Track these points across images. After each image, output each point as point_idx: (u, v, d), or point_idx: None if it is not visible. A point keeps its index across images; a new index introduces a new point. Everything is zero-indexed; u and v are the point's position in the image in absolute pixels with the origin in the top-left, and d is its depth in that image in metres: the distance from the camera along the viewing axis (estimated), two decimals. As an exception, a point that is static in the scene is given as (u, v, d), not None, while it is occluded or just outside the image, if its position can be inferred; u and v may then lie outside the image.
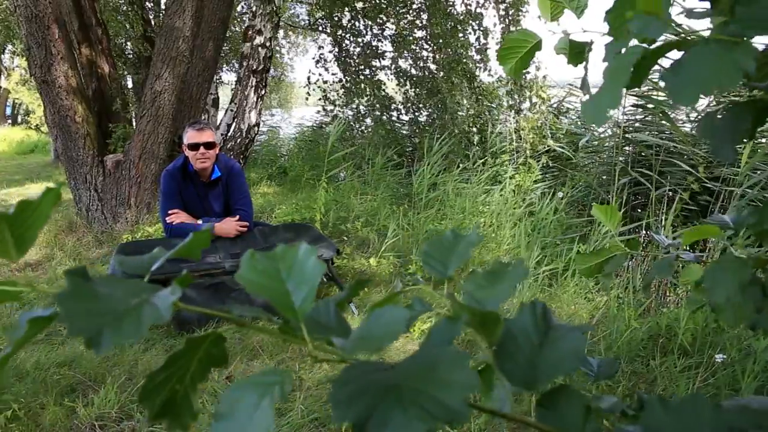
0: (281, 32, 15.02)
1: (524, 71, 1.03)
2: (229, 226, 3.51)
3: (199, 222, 3.57)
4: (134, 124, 5.74)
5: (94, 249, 4.82)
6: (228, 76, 13.39)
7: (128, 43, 8.99)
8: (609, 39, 0.65)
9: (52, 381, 2.58)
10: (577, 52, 0.94)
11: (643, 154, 4.55)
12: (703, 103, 4.72)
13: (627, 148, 5.12)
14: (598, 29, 0.76)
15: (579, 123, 6.28)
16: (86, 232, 5.10)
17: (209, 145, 3.54)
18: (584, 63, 0.91)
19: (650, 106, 4.63)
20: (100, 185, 5.20)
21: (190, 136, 3.56)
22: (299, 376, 2.55)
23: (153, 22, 8.72)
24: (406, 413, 0.41)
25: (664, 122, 4.72)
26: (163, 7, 9.64)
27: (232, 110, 8.62)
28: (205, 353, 0.58)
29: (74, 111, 5.08)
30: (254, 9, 7.75)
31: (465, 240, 0.84)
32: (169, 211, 3.57)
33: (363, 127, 7.80)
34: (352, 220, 4.84)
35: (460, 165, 5.74)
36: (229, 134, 8.59)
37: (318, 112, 8.54)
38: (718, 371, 2.31)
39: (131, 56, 8.89)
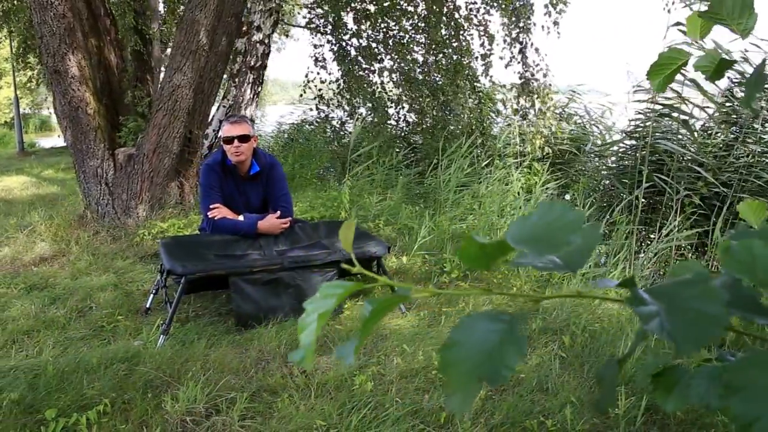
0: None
1: (668, 85, 1.12)
2: (272, 223, 3.49)
3: (241, 218, 3.55)
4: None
5: (108, 243, 4.72)
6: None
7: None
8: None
9: (120, 376, 2.55)
10: (720, 70, 1.04)
11: (654, 158, 4.77)
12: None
13: (635, 153, 5.33)
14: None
15: (581, 128, 6.50)
16: (97, 226, 4.97)
17: (243, 138, 3.52)
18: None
19: (666, 112, 4.86)
20: (111, 179, 5.09)
21: (225, 129, 3.55)
22: (378, 371, 2.59)
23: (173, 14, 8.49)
24: None
25: (670, 127, 4.96)
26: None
27: (225, 106, 8.51)
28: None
29: (86, 102, 4.95)
30: (249, 6, 7.69)
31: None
32: (211, 206, 3.54)
33: (363, 127, 7.83)
34: (372, 219, 4.88)
35: (465, 167, 5.86)
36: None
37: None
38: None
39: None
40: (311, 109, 8.65)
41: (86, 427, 2.12)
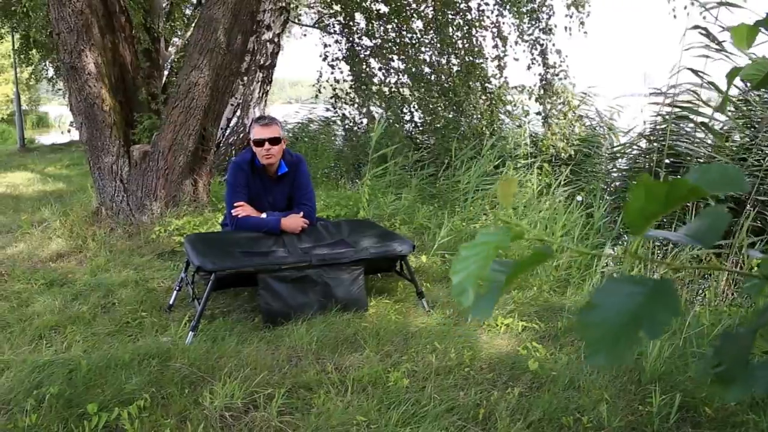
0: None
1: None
2: (295, 222, 3.51)
3: (264, 216, 3.56)
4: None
5: (125, 240, 4.71)
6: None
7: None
8: None
9: (154, 372, 2.55)
10: None
11: (668, 161, 4.81)
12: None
13: (644, 156, 5.36)
14: None
15: (591, 130, 6.54)
16: (112, 223, 4.97)
17: (274, 141, 3.53)
18: None
19: (684, 114, 4.90)
20: (126, 176, 5.08)
21: (256, 131, 3.54)
22: (412, 368, 2.61)
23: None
24: None
25: (684, 129, 5.00)
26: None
27: (232, 104, 8.50)
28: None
29: (102, 99, 4.95)
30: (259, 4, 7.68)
31: None
32: (235, 204, 3.55)
33: (373, 126, 7.86)
34: (388, 218, 4.90)
35: (478, 168, 5.87)
36: (229, 129, 8.48)
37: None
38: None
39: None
40: (327, 109, 8.69)
41: (128, 422, 2.13)
